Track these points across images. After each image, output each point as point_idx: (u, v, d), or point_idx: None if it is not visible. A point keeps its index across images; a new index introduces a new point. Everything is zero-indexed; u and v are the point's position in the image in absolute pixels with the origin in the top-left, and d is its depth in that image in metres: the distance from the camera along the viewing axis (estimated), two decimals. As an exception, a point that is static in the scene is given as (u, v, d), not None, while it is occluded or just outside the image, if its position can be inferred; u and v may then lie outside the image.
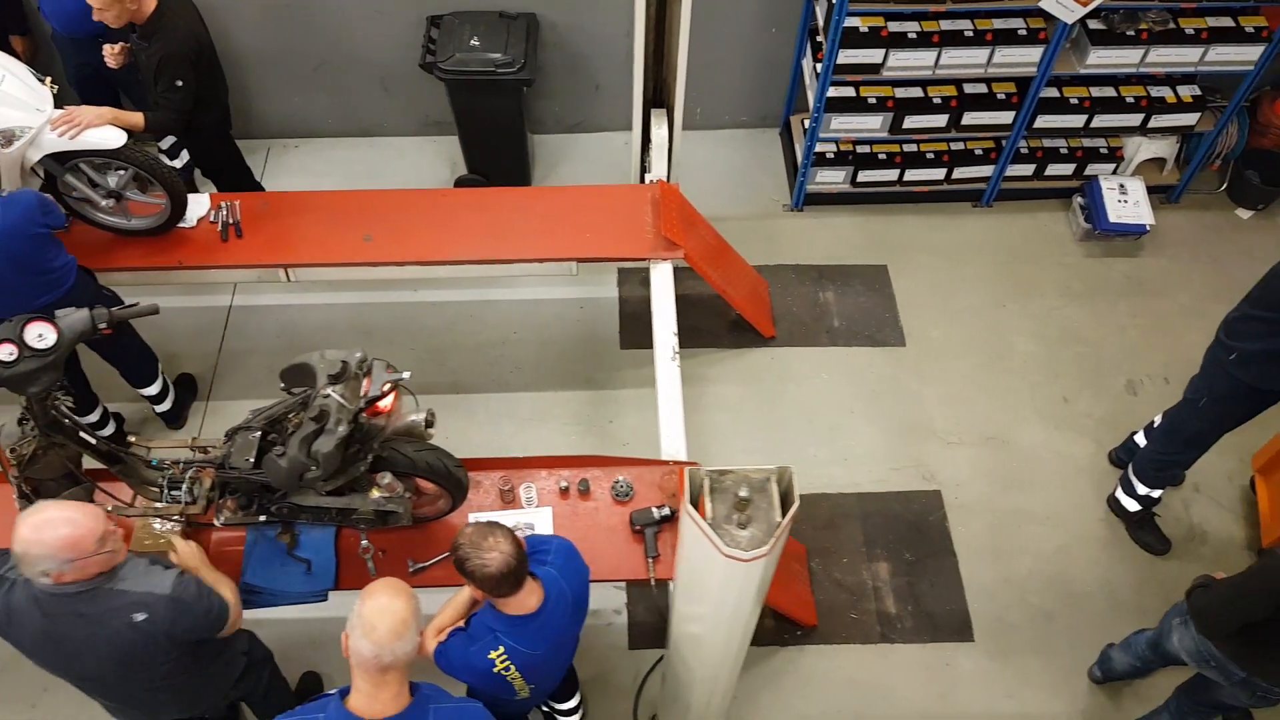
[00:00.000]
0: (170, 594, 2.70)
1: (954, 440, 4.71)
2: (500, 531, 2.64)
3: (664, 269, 4.37)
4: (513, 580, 2.65)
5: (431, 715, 2.48)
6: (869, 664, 4.11)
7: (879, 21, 4.65)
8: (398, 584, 2.43)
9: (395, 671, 2.40)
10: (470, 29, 4.93)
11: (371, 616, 2.36)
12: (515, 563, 2.62)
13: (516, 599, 2.72)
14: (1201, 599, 3.14)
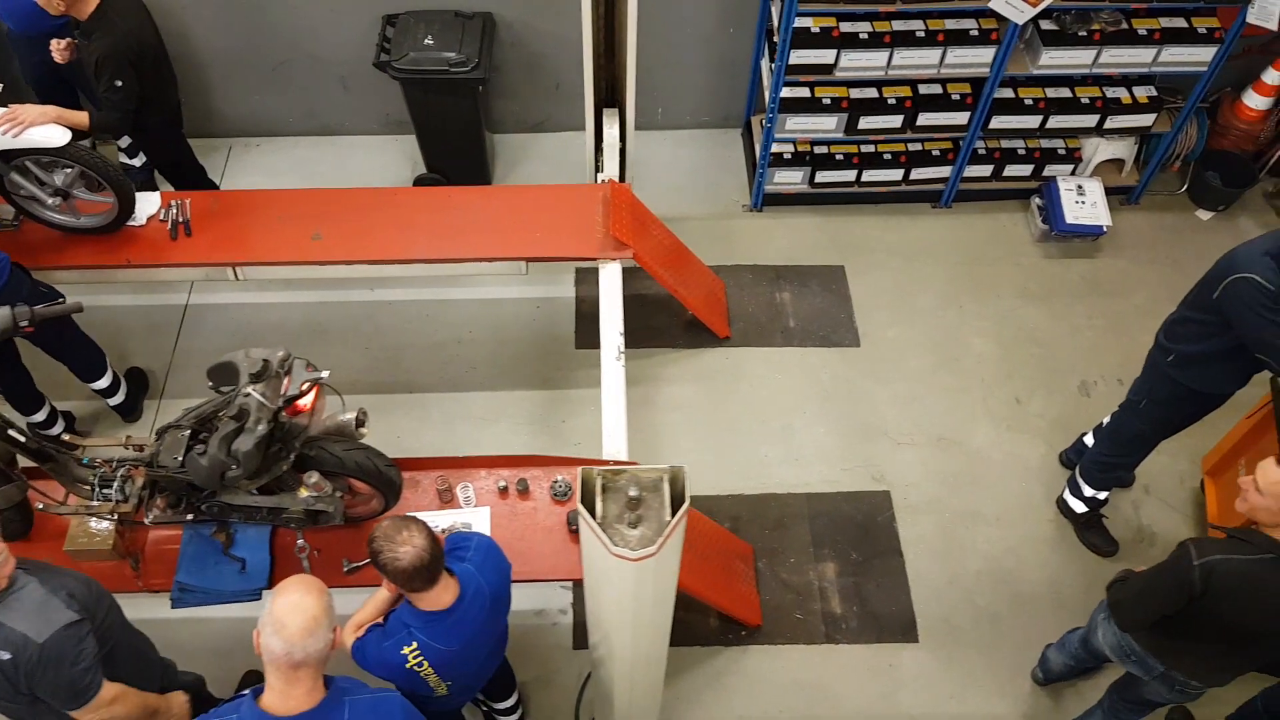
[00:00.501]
0: (43, 643, 2.55)
1: (905, 441, 4.71)
2: (415, 526, 2.64)
3: (612, 269, 4.37)
4: (425, 575, 2.64)
5: (347, 708, 2.48)
6: (813, 664, 4.11)
7: (831, 22, 4.65)
8: (310, 581, 2.42)
9: (308, 668, 2.40)
10: (425, 28, 4.93)
11: (282, 614, 2.36)
12: (429, 558, 2.62)
13: (431, 594, 2.72)
14: (1118, 592, 3.16)
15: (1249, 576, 2.78)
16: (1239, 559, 2.79)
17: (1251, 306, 3.21)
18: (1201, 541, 2.90)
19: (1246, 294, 3.21)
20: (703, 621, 4.18)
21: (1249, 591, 2.79)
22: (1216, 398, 3.73)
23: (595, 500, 2.04)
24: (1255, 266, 3.21)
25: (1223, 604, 2.83)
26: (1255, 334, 3.25)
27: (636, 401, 4.86)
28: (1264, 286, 3.18)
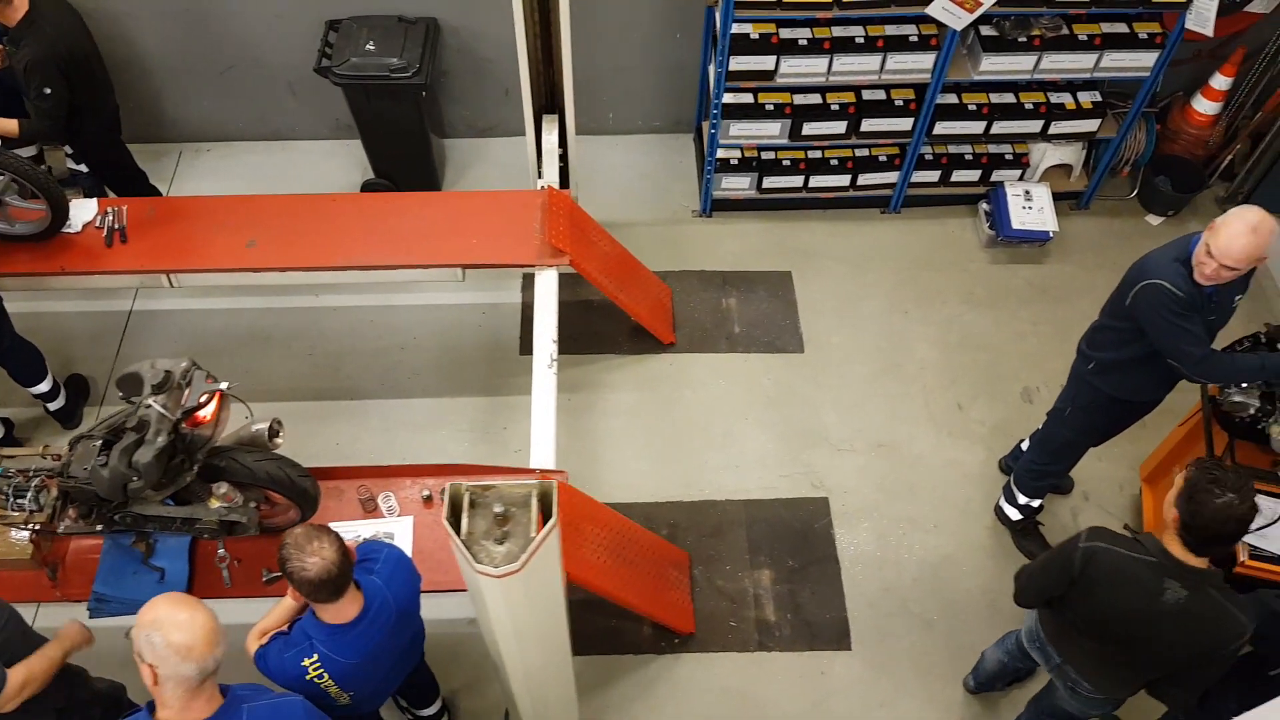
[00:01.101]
0: None
1: (845, 447, 4.70)
2: (327, 537, 2.62)
3: (548, 275, 4.36)
4: (331, 588, 2.63)
5: (245, 715, 2.47)
6: (744, 672, 4.10)
7: (770, 28, 4.63)
8: (182, 597, 2.40)
9: (210, 678, 2.39)
10: (368, 33, 4.92)
11: (181, 639, 2.31)
12: (337, 571, 2.61)
13: (335, 607, 2.71)
14: (1020, 571, 3.18)
15: (1123, 571, 2.79)
16: (1122, 552, 2.81)
17: (1161, 312, 3.21)
18: (1101, 530, 2.91)
19: (1156, 299, 3.21)
20: (636, 630, 4.18)
21: (1118, 585, 2.80)
22: (1140, 405, 3.72)
23: (462, 516, 2.03)
24: (1165, 273, 3.21)
25: (1094, 591, 2.86)
26: (1165, 340, 3.26)
27: (579, 408, 4.86)
28: (1173, 293, 3.18)
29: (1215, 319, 3.32)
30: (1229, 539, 2.66)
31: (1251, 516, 2.61)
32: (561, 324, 5.06)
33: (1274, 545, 3.56)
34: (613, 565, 3.81)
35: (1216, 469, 2.68)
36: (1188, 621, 2.72)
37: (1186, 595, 2.71)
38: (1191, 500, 2.64)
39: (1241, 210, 3.05)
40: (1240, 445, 3.66)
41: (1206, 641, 2.73)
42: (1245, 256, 3.02)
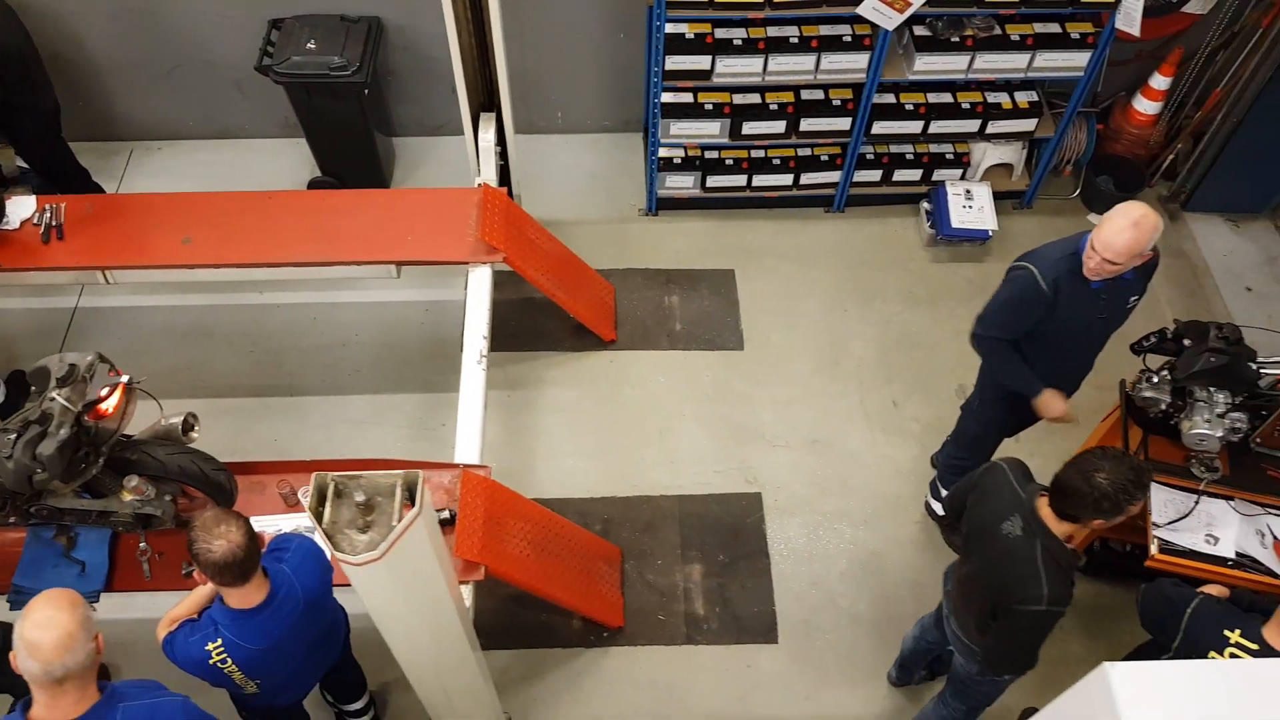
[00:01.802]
0: None
1: (780, 443, 4.74)
2: (235, 521, 2.65)
3: (481, 273, 4.40)
4: (237, 571, 2.66)
5: (119, 714, 2.49)
6: (671, 665, 4.14)
7: (706, 28, 4.67)
8: (61, 596, 2.40)
9: (72, 680, 2.38)
10: (309, 32, 4.95)
11: (33, 635, 2.31)
12: (242, 554, 2.63)
13: (241, 591, 2.74)
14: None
15: (997, 489, 2.96)
16: (1007, 475, 2.96)
17: (1010, 287, 3.28)
18: (1017, 461, 3.05)
19: (1015, 278, 3.28)
20: (565, 624, 4.21)
21: (987, 496, 2.97)
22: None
23: (326, 505, 2.07)
24: (1044, 263, 3.26)
25: (975, 501, 3.03)
26: (991, 302, 3.39)
27: (518, 404, 4.90)
28: (1039, 284, 3.23)
29: (1106, 316, 3.37)
30: (1084, 507, 2.69)
31: (1117, 499, 2.64)
32: (504, 321, 5.14)
33: (1185, 540, 3.60)
34: (537, 559, 3.84)
35: (1116, 450, 2.74)
36: (1006, 557, 2.84)
37: (1019, 535, 2.82)
38: (1068, 464, 2.72)
39: (1126, 206, 3.10)
40: (1154, 440, 3.70)
41: (1007, 585, 2.82)
42: (1126, 251, 3.07)
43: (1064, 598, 2.79)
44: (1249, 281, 5.40)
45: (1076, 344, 3.52)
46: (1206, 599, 2.89)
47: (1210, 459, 3.59)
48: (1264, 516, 3.63)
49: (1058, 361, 3.52)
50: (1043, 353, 3.47)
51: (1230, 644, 2.75)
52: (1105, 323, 3.42)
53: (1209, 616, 2.83)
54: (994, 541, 2.90)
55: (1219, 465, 3.60)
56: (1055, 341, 3.44)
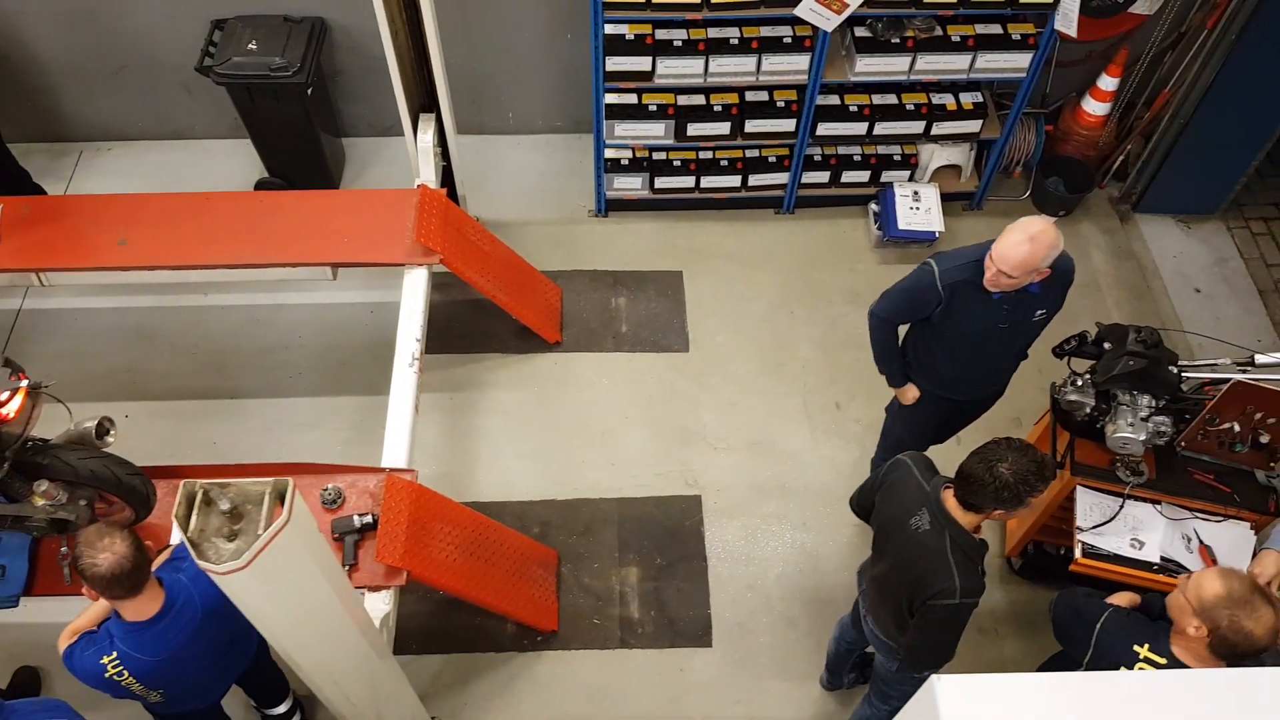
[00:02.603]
0: None
1: (722, 445, 4.73)
2: (119, 534, 2.63)
3: (416, 274, 4.38)
4: (126, 584, 2.64)
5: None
6: (605, 669, 4.12)
7: (646, 29, 4.65)
8: None
9: None
10: (251, 33, 4.93)
11: None
12: (130, 566, 2.61)
13: (134, 604, 2.72)
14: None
15: (903, 484, 2.96)
16: (912, 470, 2.96)
17: (913, 284, 3.29)
18: (921, 455, 3.06)
19: (920, 276, 3.29)
20: (499, 628, 4.19)
21: (894, 493, 2.99)
22: (957, 402, 3.76)
23: (193, 513, 2.05)
24: (948, 264, 3.26)
25: (883, 497, 3.04)
26: (892, 288, 3.39)
27: (460, 407, 4.88)
28: (935, 283, 3.23)
29: (1007, 327, 3.36)
30: (985, 497, 2.67)
31: (1018, 489, 2.63)
32: (450, 323, 5.13)
33: (1110, 544, 3.59)
34: (465, 564, 3.82)
35: (1020, 441, 2.73)
36: (917, 552, 2.84)
37: (928, 529, 2.81)
38: (972, 454, 2.73)
39: (1027, 220, 3.09)
40: (1081, 444, 3.69)
41: (921, 580, 2.81)
42: (1020, 265, 3.05)
43: (976, 589, 2.78)
44: (1198, 283, 5.40)
45: (977, 350, 3.51)
46: (1115, 613, 2.85)
47: (1135, 463, 3.59)
48: (1191, 521, 3.62)
49: (960, 364, 3.55)
50: (945, 352, 3.50)
51: (1140, 659, 2.73)
52: (1008, 333, 3.40)
53: (1118, 631, 2.80)
54: (904, 537, 2.90)
55: (1145, 469, 3.60)
56: (954, 344, 3.46)
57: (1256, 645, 2.49)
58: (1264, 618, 2.47)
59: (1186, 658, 2.66)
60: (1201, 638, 2.59)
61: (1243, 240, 5.60)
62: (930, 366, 3.60)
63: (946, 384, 3.66)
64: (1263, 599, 2.51)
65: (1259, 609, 2.48)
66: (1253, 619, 2.47)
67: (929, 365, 3.60)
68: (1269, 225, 5.68)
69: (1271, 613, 2.49)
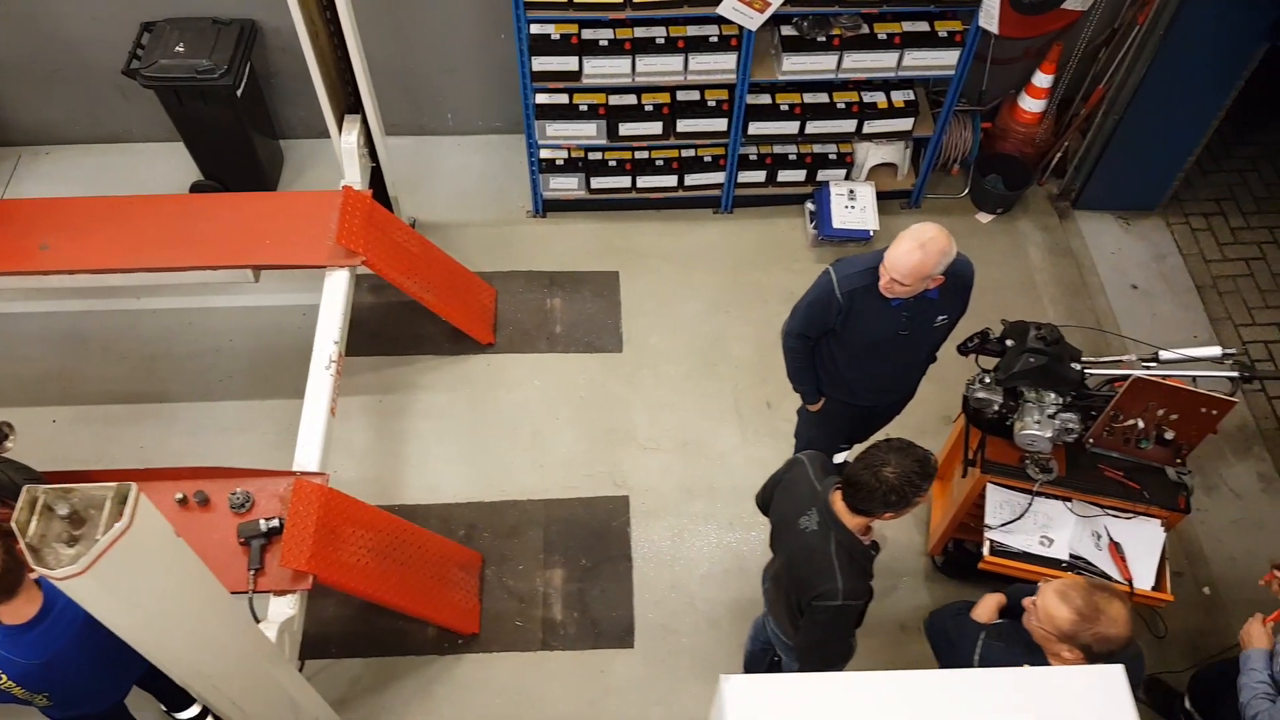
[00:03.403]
0: None
1: (651, 446, 4.71)
2: None
3: (338, 276, 4.36)
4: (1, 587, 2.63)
5: None
6: (525, 672, 4.10)
7: (572, 29, 4.64)
8: None
9: None
10: (179, 36, 4.91)
11: None
12: (1, 568, 2.60)
13: (10, 607, 2.71)
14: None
15: (796, 484, 2.95)
16: (806, 469, 2.94)
17: (815, 294, 3.28)
18: (818, 455, 3.05)
19: (820, 285, 3.28)
20: (420, 631, 4.17)
21: (787, 492, 2.99)
22: (859, 408, 3.74)
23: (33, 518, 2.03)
24: (846, 271, 3.24)
25: (779, 496, 3.03)
26: (798, 304, 3.37)
27: (391, 409, 4.86)
28: (834, 290, 3.21)
29: (908, 334, 3.34)
30: (873, 502, 2.67)
31: (903, 490, 2.62)
32: (383, 325, 5.12)
33: (1020, 542, 3.58)
34: (379, 567, 3.80)
35: (901, 442, 2.72)
36: (803, 551, 2.83)
37: (815, 530, 2.80)
38: (857, 459, 2.72)
39: (919, 227, 3.06)
40: (992, 441, 3.68)
41: (806, 580, 2.81)
42: (912, 272, 3.03)
43: (859, 591, 2.77)
44: (1135, 279, 5.39)
45: (881, 357, 3.48)
46: (989, 638, 2.79)
47: (1045, 460, 3.57)
48: (1102, 518, 3.61)
49: (864, 371, 3.53)
50: (849, 360, 3.48)
51: None
52: (910, 340, 3.38)
53: (998, 656, 2.73)
54: (793, 536, 2.89)
55: (1055, 466, 3.58)
56: (857, 352, 3.43)
57: (1124, 640, 2.47)
58: (1118, 616, 2.45)
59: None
60: (1078, 658, 2.56)
61: (1182, 236, 5.60)
62: (835, 374, 3.58)
63: (852, 391, 3.64)
64: (1106, 597, 2.49)
65: (1109, 610, 2.46)
66: (1111, 624, 2.45)
67: (834, 373, 3.58)
68: (1209, 221, 5.68)
69: (1119, 605, 2.47)
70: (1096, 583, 2.58)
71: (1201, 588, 4.38)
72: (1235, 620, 4.22)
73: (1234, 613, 4.29)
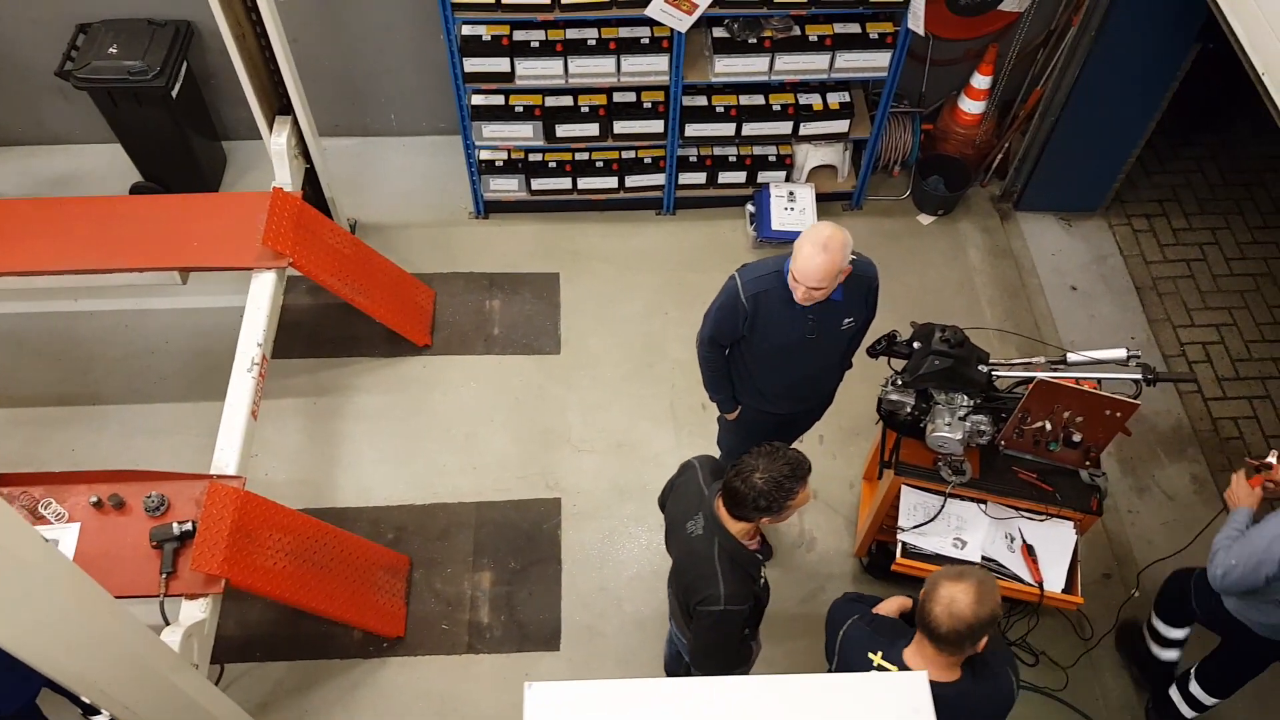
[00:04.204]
0: None
1: (586, 447, 4.71)
2: None
3: (264, 279, 4.35)
4: None
5: None
6: (449, 675, 4.10)
7: (504, 30, 4.63)
8: None
9: None
10: (114, 37, 4.89)
11: None
12: None
13: None
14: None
15: (686, 488, 2.97)
16: (697, 476, 2.96)
17: (722, 300, 3.28)
18: (709, 459, 3.09)
19: (726, 291, 3.27)
20: (345, 634, 4.16)
21: (678, 498, 3.01)
22: (775, 415, 3.73)
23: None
24: (751, 276, 3.23)
25: (670, 503, 3.06)
26: (707, 314, 3.35)
27: (324, 411, 4.85)
28: (739, 295, 3.21)
29: (816, 338, 3.33)
30: (748, 508, 2.66)
31: (775, 495, 2.62)
32: (319, 326, 5.11)
33: (933, 544, 3.59)
34: (298, 570, 3.79)
35: (771, 446, 2.71)
36: (689, 555, 2.84)
37: (700, 535, 2.80)
38: (731, 467, 2.73)
39: (812, 232, 3.03)
40: (908, 443, 3.68)
41: (691, 585, 2.81)
42: (825, 275, 3.02)
43: (742, 596, 2.76)
44: (1075, 280, 5.40)
45: (791, 363, 3.46)
46: (857, 621, 2.78)
47: (958, 462, 3.58)
48: (1016, 520, 3.62)
49: (776, 378, 3.52)
50: (761, 367, 3.47)
51: (873, 666, 2.67)
52: (818, 345, 3.36)
53: (856, 639, 2.74)
54: (681, 541, 2.89)
55: (968, 468, 3.59)
56: (767, 358, 3.42)
57: (967, 622, 2.38)
58: (950, 600, 2.40)
59: (915, 663, 2.57)
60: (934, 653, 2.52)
61: (1124, 237, 5.61)
62: (749, 382, 3.57)
63: (767, 398, 3.63)
64: (948, 580, 2.45)
65: (941, 590, 2.43)
66: (938, 603, 2.41)
67: (748, 381, 3.57)
68: (1151, 222, 5.70)
69: (961, 585, 2.42)
70: (953, 570, 2.51)
71: (1130, 590, 4.39)
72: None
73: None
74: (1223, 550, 3.07)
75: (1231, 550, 3.03)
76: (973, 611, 2.38)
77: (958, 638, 2.40)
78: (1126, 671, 4.15)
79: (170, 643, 3.25)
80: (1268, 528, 2.96)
